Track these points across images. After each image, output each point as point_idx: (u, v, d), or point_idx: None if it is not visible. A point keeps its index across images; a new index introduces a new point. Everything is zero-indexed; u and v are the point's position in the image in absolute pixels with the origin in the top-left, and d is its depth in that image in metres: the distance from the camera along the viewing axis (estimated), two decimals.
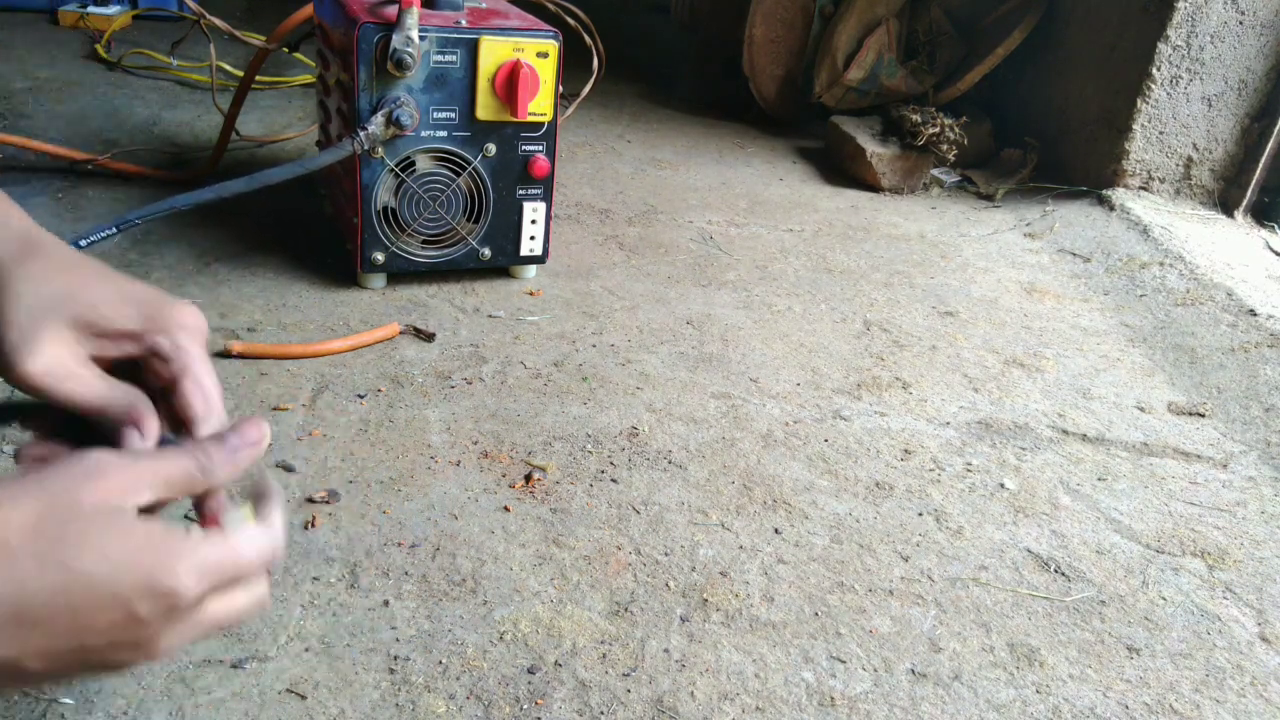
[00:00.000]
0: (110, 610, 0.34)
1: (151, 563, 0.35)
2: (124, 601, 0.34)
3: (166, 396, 0.44)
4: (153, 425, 0.42)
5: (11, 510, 0.33)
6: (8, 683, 0.34)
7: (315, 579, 0.78)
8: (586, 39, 1.53)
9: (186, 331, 0.44)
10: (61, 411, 0.43)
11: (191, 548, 0.36)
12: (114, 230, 0.94)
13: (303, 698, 0.67)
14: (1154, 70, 1.78)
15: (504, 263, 1.33)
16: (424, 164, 1.21)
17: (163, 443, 0.42)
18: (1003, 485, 1.02)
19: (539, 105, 1.22)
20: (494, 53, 1.17)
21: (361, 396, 1.04)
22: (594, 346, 1.21)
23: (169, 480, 0.38)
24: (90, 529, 0.34)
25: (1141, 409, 1.20)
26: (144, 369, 0.44)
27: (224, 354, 1.07)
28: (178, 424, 0.44)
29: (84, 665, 0.35)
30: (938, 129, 1.93)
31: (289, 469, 0.90)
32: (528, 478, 0.94)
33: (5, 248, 0.43)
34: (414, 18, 1.11)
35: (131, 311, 0.43)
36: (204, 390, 0.44)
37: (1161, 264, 1.59)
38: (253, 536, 0.39)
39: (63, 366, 0.41)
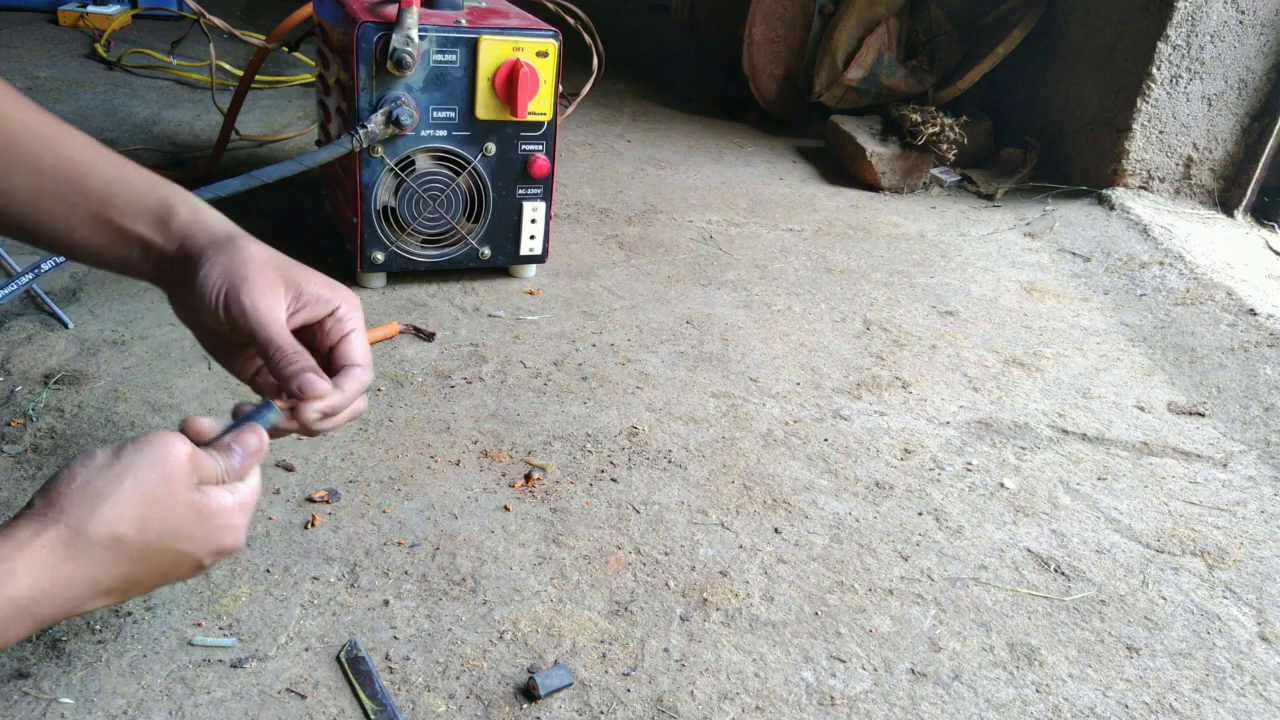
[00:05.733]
0: (190, 569, 0.49)
1: (222, 535, 0.49)
2: (199, 561, 0.49)
3: (328, 354, 0.58)
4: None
5: (118, 507, 0.45)
6: (102, 607, 0.47)
7: (315, 579, 0.78)
8: (586, 39, 1.53)
9: (354, 304, 0.59)
10: None
11: (240, 509, 0.50)
12: None
13: (303, 697, 0.67)
14: (1154, 70, 1.78)
15: (504, 262, 1.33)
16: (424, 163, 1.21)
17: (239, 412, 0.55)
18: (1003, 485, 1.02)
19: (539, 105, 1.22)
20: (494, 52, 1.17)
21: None
22: (594, 346, 1.21)
23: (205, 476, 0.50)
24: (182, 519, 0.47)
25: (1141, 408, 1.20)
26: (317, 331, 0.58)
27: None
28: (336, 370, 0.58)
29: (159, 587, 0.49)
30: (938, 128, 1.93)
31: (289, 469, 0.90)
32: (528, 477, 0.94)
33: (223, 231, 0.56)
34: (414, 17, 1.11)
35: (324, 284, 0.58)
36: (364, 345, 0.59)
37: (1161, 263, 1.59)
38: (257, 481, 0.53)
39: (272, 310, 0.54)
